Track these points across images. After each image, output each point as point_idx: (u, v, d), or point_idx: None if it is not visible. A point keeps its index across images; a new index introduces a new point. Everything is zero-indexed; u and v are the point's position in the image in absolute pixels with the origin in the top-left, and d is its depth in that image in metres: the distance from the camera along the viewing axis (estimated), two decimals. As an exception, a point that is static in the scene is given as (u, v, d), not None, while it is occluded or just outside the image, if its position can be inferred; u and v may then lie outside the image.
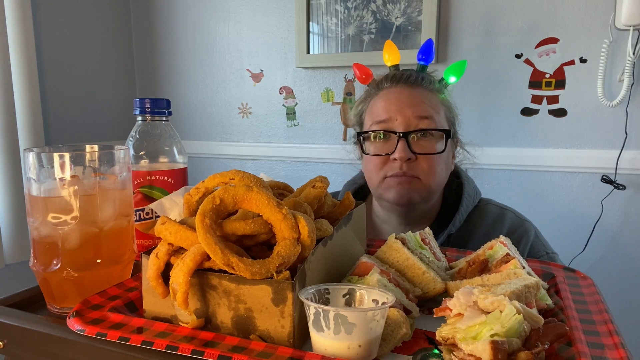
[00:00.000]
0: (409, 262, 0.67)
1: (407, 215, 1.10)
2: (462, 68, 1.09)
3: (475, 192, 1.13)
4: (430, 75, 1.11)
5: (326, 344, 0.49)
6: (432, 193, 1.05)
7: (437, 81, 1.09)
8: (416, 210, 1.08)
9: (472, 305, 0.49)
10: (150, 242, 0.87)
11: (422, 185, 1.02)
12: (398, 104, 1.02)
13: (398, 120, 1.01)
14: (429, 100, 1.04)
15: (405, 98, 1.03)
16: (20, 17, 1.74)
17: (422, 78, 1.07)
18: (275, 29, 2.09)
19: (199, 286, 0.54)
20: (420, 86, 1.06)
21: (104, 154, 0.67)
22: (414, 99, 1.03)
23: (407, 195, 1.02)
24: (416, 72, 1.09)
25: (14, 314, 0.61)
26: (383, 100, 1.05)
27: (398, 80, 1.07)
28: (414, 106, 1.01)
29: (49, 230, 0.64)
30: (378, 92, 1.08)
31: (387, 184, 1.04)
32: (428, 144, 1.02)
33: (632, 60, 1.52)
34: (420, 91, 1.05)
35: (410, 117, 1.01)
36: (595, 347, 0.50)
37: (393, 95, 1.05)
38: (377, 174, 1.05)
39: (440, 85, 1.09)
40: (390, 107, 1.03)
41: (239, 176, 0.59)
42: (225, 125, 2.26)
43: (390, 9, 1.83)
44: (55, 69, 1.99)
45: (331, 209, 0.71)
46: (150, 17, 2.33)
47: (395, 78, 1.07)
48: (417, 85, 1.05)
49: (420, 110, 1.01)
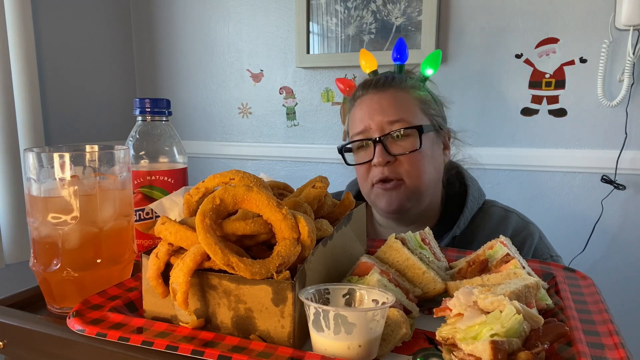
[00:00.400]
0: (409, 262, 0.67)
1: (402, 219, 1.10)
2: (438, 59, 1.10)
3: (480, 194, 1.12)
4: (410, 75, 1.11)
5: (326, 344, 0.49)
6: (421, 194, 1.05)
7: (411, 78, 1.09)
8: (411, 213, 1.08)
9: (472, 305, 0.49)
10: (150, 242, 0.87)
11: (407, 188, 1.02)
12: (370, 111, 1.04)
13: (372, 127, 1.03)
14: (398, 101, 1.04)
15: (375, 104, 1.05)
16: (20, 17, 1.74)
17: (392, 79, 1.08)
18: (275, 29, 2.09)
19: (199, 286, 0.54)
20: (390, 88, 1.06)
21: (104, 154, 0.67)
22: (384, 104, 1.04)
23: (396, 202, 1.03)
24: (385, 75, 1.10)
25: (14, 314, 0.61)
26: (358, 110, 1.07)
27: (368, 87, 1.08)
28: (384, 111, 1.03)
29: (49, 230, 0.64)
30: (354, 103, 1.10)
31: (375, 192, 1.05)
32: (405, 143, 1.02)
33: (632, 60, 1.52)
34: (390, 93, 1.05)
35: (382, 123, 1.02)
36: (595, 347, 0.50)
37: (365, 104, 1.06)
38: (365, 182, 1.06)
39: (415, 81, 1.08)
40: (364, 116, 1.05)
41: (239, 176, 0.59)
42: (225, 125, 2.26)
43: (390, 9, 1.83)
44: (55, 69, 1.99)
45: (331, 209, 0.71)
46: (150, 17, 2.33)
47: (366, 85, 1.09)
48: (385, 88, 1.06)
49: (390, 114, 1.02)
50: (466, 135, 1.17)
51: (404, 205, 1.04)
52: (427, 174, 1.04)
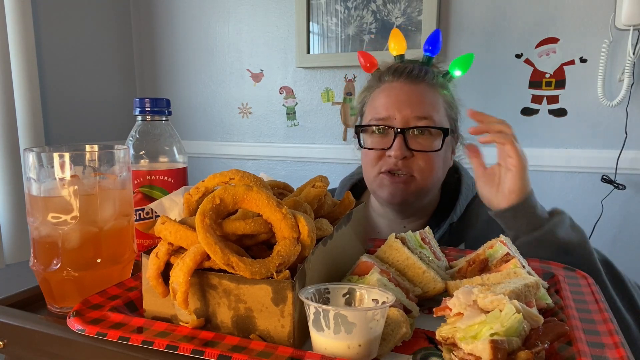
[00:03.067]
0: (409, 261, 0.67)
1: (402, 211, 1.10)
2: (469, 62, 1.07)
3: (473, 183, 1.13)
4: (434, 69, 1.08)
5: (326, 344, 0.49)
6: (427, 191, 1.05)
7: (440, 75, 1.07)
8: (411, 207, 1.08)
9: (471, 305, 0.49)
10: (150, 241, 0.87)
11: (417, 185, 1.02)
12: (397, 101, 1.01)
13: (397, 118, 1.01)
14: (429, 98, 1.03)
15: (404, 96, 1.02)
16: (20, 17, 1.74)
17: (425, 72, 1.05)
18: (275, 29, 2.09)
19: (199, 286, 0.54)
20: (423, 82, 1.04)
21: (104, 153, 0.67)
22: (414, 98, 1.02)
23: (401, 196, 1.02)
24: (420, 65, 1.06)
25: (14, 314, 0.61)
26: (384, 97, 1.04)
27: (400, 75, 1.04)
28: (413, 105, 1.01)
29: (49, 230, 0.64)
30: (380, 85, 1.07)
31: (380, 180, 1.03)
32: (425, 141, 1.01)
33: (632, 60, 1.52)
34: (422, 88, 1.03)
35: (408, 117, 1.00)
36: (595, 347, 0.50)
37: (393, 92, 1.03)
38: (372, 168, 1.04)
39: (444, 80, 1.07)
40: (390, 105, 1.02)
41: (238, 176, 0.59)
42: (225, 125, 2.26)
43: (390, 9, 1.83)
44: (55, 69, 1.99)
45: (331, 209, 0.71)
46: (150, 17, 2.33)
47: (398, 72, 1.05)
48: (419, 81, 1.03)
49: (419, 110, 1.00)
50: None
51: (407, 200, 1.03)
52: (437, 175, 1.04)
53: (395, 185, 1.01)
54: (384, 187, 1.03)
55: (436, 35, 1.06)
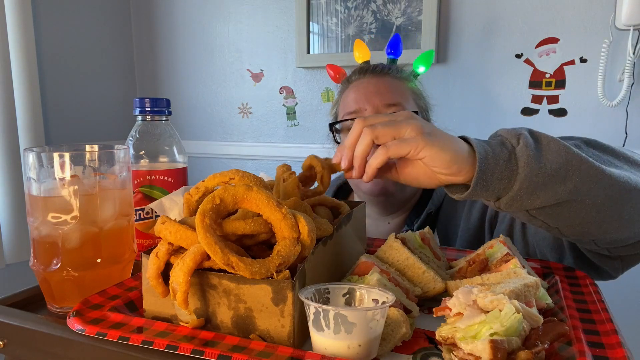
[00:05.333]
0: (409, 261, 0.67)
1: (384, 205, 1.11)
2: (430, 58, 1.14)
3: None
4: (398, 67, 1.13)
5: (326, 344, 0.49)
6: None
7: (404, 71, 1.12)
8: (394, 200, 1.09)
9: (471, 305, 0.49)
10: (150, 241, 0.87)
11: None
12: (366, 93, 1.05)
13: (367, 109, 1.03)
14: (396, 87, 1.06)
15: (372, 87, 1.06)
16: (20, 17, 1.74)
17: (389, 68, 1.10)
18: (275, 29, 2.09)
19: (199, 286, 0.54)
20: (388, 75, 1.09)
21: (104, 153, 0.67)
22: (382, 88, 1.05)
23: (381, 184, 1.03)
24: (382, 64, 1.12)
25: (14, 314, 0.61)
26: (353, 92, 1.08)
27: (365, 72, 1.10)
28: (381, 94, 1.04)
29: (49, 229, 0.64)
30: (348, 86, 1.12)
31: None
32: None
33: (632, 60, 1.52)
34: (388, 79, 1.07)
35: (378, 106, 1.03)
36: (595, 347, 0.50)
37: (362, 86, 1.08)
38: None
39: (408, 74, 1.12)
40: (359, 98, 1.05)
41: (238, 176, 0.59)
42: (225, 125, 2.26)
43: (391, 9, 1.83)
44: (55, 69, 1.99)
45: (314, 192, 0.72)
46: (150, 17, 2.33)
47: (363, 70, 1.11)
48: (384, 75, 1.08)
49: (387, 98, 1.03)
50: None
51: (388, 189, 1.04)
52: None
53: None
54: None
55: (396, 39, 1.14)
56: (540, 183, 0.61)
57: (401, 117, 0.64)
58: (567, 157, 0.61)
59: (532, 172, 0.60)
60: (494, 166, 0.61)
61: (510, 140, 0.63)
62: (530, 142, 0.62)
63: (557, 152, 0.62)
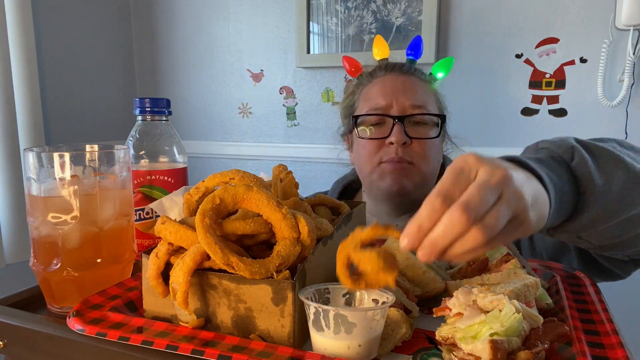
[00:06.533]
0: (409, 261, 0.66)
1: (398, 205, 1.10)
2: (450, 64, 1.13)
3: None
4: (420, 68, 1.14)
5: (326, 344, 0.49)
6: (424, 180, 1.05)
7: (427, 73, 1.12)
8: (408, 200, 1.08)
9: (471, 305, 0.49)
10: (150, 241, 0.87)
11: (415, 172, 1.03)
12: (393, 90, 1.05)
13: (394, 107, 1.03)
14: (422, 89, 1.07)
15: (399, 85, 1.05)
16: (20, 17, 1.74)
17: (415, 68, 1.11)
18: (275, 29, 2.09)
19: (199, 286, 0.54)
20: (414, 75, 1.09)
21: (104, 153, 0.67)
22: (408, 87, 1.05)
23: (400, 183, 1.02)
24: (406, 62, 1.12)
25: (14, 314, 0.61)
26: (379, 88, 1.07)
27: (392, 69, 1.10)
28: (408, 93, 1.04)
29: (49, 229, 0.64)
30: (372, 80, 1.11)
31: (381, 169, 1.04)
32: (422, 129, 1.04)
33: (632, 60, 1.52)
34: (414, 80, 1.08)
35: (405, 105, 1.03)
36: (595, 347, 0.50)
37: (388, 82, 1.07)
38: (372, 159, 1.05)
39: (430, 77, 1.12)
40: (387, 94, 1.05)
41: (238, 176, 0.59)
42: (225, 125, 2.26)
43: (391, 9, 1.83)
44: (55, 69, 1.99)
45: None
46: (150, 17, 2.33)
47: (389, 67, 1.10)
48: (410, 74, 1.09)
49: (414, 98, 1.03)
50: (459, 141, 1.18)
51: (407, 188, 1.03)
52: (433, 164, 1.06)
53: (396, 172, 1.02)
54: (384, 175, 1.03)
55: (417, 41, 1.13)
56: (610, 210, 0.59)
57: (502, 196, 0.45)
58: (628, 176, 0.60)
59: (603, 208, 0.59)
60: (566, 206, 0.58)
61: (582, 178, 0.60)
62: (596, 177, 0.59)
63: (617, 174, 0.60)
